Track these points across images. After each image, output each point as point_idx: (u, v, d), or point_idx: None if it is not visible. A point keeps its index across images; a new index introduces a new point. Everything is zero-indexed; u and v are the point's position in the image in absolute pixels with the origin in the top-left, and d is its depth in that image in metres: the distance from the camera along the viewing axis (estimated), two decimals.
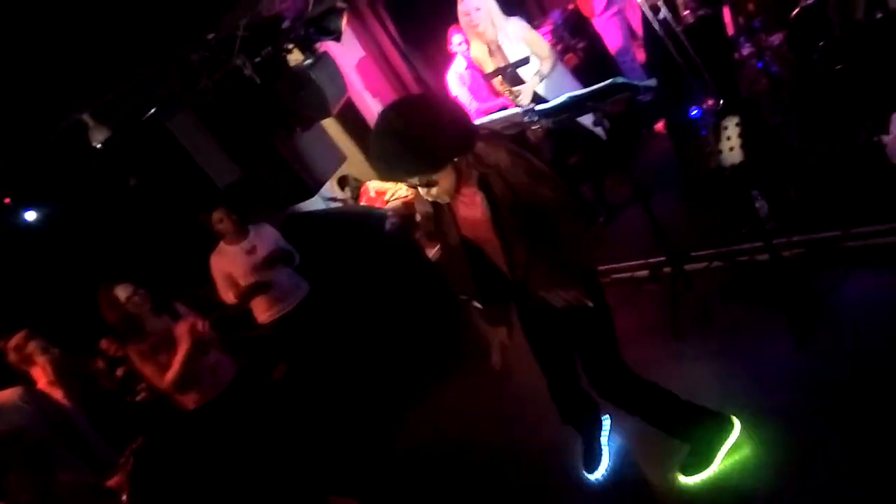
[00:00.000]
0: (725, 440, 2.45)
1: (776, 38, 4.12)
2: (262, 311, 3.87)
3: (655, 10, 3.74)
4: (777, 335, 2.82)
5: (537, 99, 3.83)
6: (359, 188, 6.76)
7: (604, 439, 2.80)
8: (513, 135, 3.34)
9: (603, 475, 2.73)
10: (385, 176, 1.98)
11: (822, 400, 2.46)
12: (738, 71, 4.48)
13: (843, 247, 3.01)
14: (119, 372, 3.52)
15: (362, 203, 6.56)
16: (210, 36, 3.60)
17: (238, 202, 3.81)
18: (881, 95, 3.27)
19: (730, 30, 4.38)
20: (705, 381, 2.88)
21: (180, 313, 3.47)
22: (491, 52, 3.97)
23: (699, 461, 2.45)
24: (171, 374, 3.30)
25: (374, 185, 6.64)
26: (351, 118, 6.40)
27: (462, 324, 4.65)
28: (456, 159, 1.93)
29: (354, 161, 6.99)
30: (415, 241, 4.91)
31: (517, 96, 3.74)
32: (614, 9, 4.31)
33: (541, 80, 3.86)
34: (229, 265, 3.74)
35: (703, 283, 3.35)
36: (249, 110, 3.78)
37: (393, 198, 6.49)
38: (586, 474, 2.76)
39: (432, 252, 5.83)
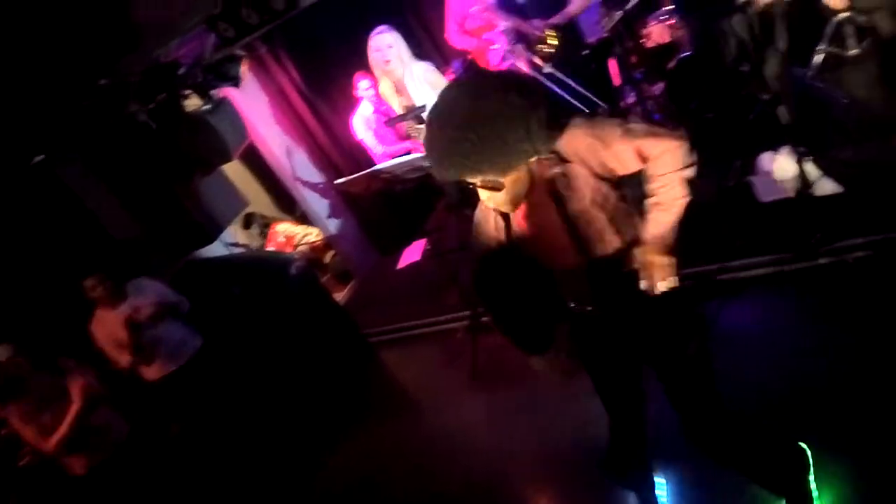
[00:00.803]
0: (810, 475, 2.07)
1: (657, 88, 4.46)
2: (152, 367, 3.68)
3: (539, 66, 3.99)
4: None
5: None
6: (266, 228, 6.67)
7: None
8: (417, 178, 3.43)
9: None
10: (440, 170, 1.53)
11: None
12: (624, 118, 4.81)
13: (721, 279, 3.24)
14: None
15: (270, 247, 6.47)
16: (103, 82, 3.51)
17: (128, 253, 3.66)
18: (748, 140, 3.60)
19: (616, 80, 4.69)
20: (597, 414, 2.99)
21: (65, 368, 3.28)
22: (398, 90, 4.09)
23: None
24: (57, 436, 3.10)
25: (283, 229, 6.57)
26: (256, 162, 6.35)
27: (371, 368, 4.64)
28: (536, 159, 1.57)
29: (261, 202, 6.92)
30: (321, 285, 4.86)
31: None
32: (510, 62, 4.53)
33: None
34: (112, 330, 3.53)
35: None
36: (144, 156, 3.68)
37: (302, 242, 6.45)
38: None
39: (341, 296, 5.80)
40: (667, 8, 4.39)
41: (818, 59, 4.03)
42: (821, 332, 2.73)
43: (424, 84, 3.99)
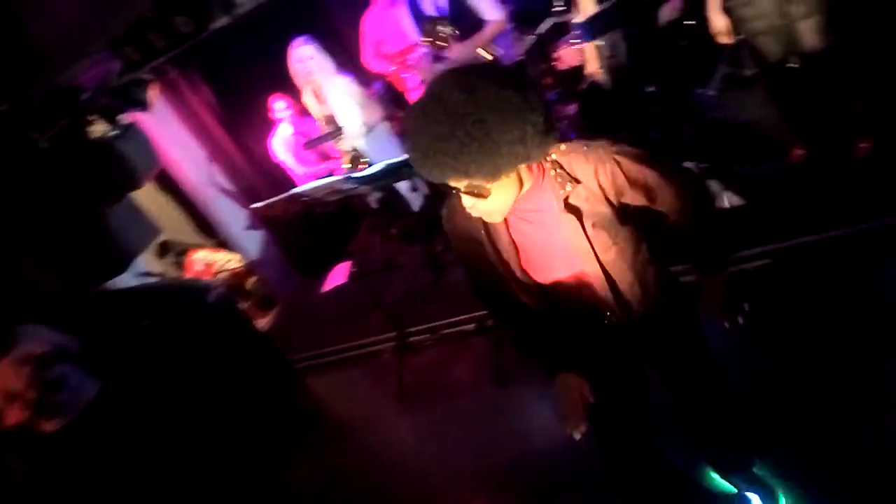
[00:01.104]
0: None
1: (571, 109, 4.61)
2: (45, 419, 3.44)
3: None
4: None
5: (360, 159, 3.97)
6: (183, 256, 6.43)
7: None
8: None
9: None
10: (422, 169, 1.40)
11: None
12: None
13: None
14: None
15: (189, 276, 6.23)
16: (1, 108, 3.32)
17: (32, 287, 3.44)
18: None
19: None
20: (529, 424, 3.06)
21: None
22: (320, 101, 4.09)
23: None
24: None
25: (201, 256, 6.35)
26: (171, 187, 6.14)
27: (299, 395, 4.54)
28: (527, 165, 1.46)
29: (177, 228, 6.67)
30: (242, 312, 4.72)
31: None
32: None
33: (367, 132, 4.02)
34: (5, 383, 3.30)
35: None
36: (46, 185, 3.48)
37: (222, 269, 6.25)
38: None
39: (265, 322, 5.66)
40: (577, 32, 4.56)
41: (717, 79, 4.30)
42: (726, 339, 2.86)
43: (347, 98, 4.01)
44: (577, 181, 1.52)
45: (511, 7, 4.02)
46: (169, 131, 5.28)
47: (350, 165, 3.90)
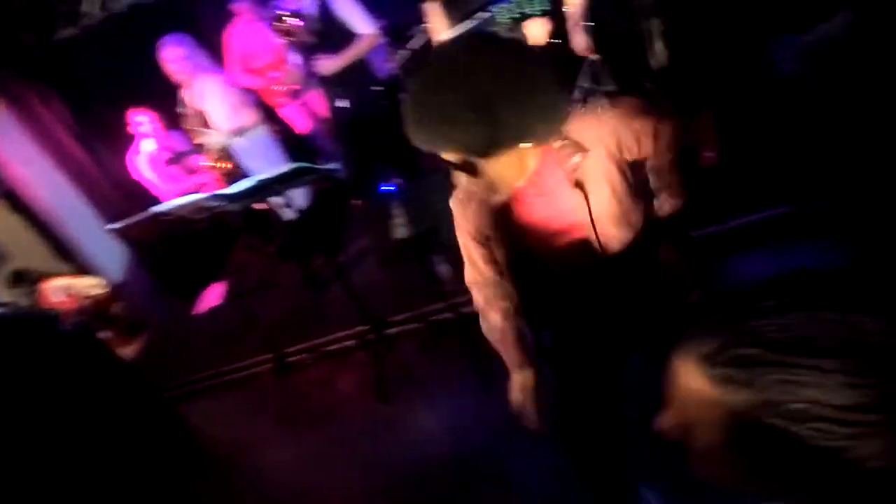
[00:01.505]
0: None
1: None
2: None
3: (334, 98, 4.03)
4: (468, 384, 3.10)
5: (237, 173, 3.85)
6: (38, 284, 5.89)
7: None
8: None
9: None
10: (409, 131, 1.30)
11: (511, 438, 2.76)
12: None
13: None
14: None
15: (45, 305, 5.72)
16: None
17: None
18: None
19: None
20: (412, 438, 3.05)
21: None
22: (194, 100, 3.96)
23: None
24: None
25: (60, 284, 5.84)
26: (22, 209, 5.64)
27: (172, 425, 4.26)
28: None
29: (30, 253, 6.10)
30: (101, 342, 4.38)
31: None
32: (298, 101, 4.54)
33: (240, 135, 3.90)
34: None
35: (403, 345, 3.58)
36: None
37: (83, 296, 5.79)
38: None
39: (130, 350, 5.29)
40: None
41: (578, 95, 4.53)
42: None
43: (220, 98, 3.89)
44: (586, 150, 1.42)
45: (383, 22, 4.05)
46: (16, 149, 4.85)
47: (215, 164, 3.78)
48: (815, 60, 2.61)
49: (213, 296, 5.12)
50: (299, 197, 4.26)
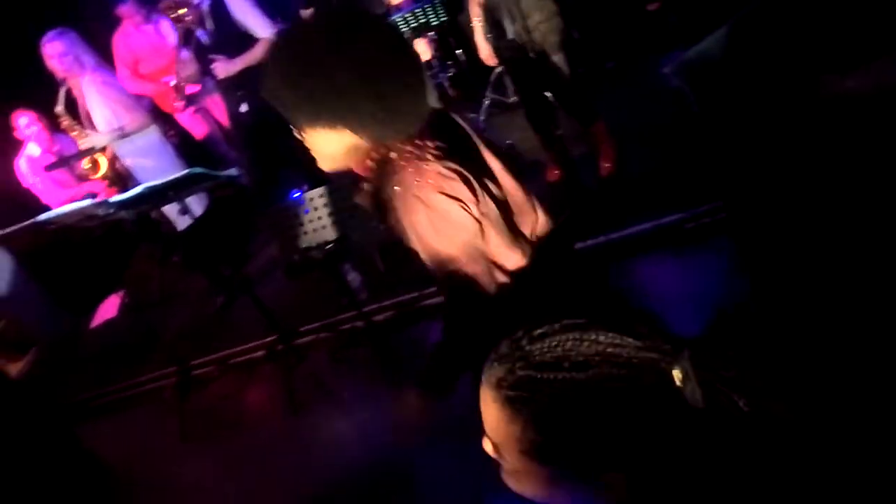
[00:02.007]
0: None
1: None
2: None
3: (236, 104, 3.92)
4: (378, 392, 3.09)
5: (126, 177, 3.67)
6: None
7: None
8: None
9: None
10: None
11: (422, 447, 2.79)
12: None
13: (421, 305, 3.49)
14: None
15: None
16: None
17: None
18: None
19: None
20: (321, 450, 3.02)
21: None
22: (77, 99, 3.76)
23: None
24: None
25: None
26: None
27: (67, 447, 4.01)
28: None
29: None
30: None
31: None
32: (194, 107, 4.39)
33: (122, 138, 3.72)
34: None
35: (314, 355, 3.54)
36: None
37: None
38: None
39: (15, 369, 4.93)
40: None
41: (486, 105, 4.65)
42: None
43: (98, 95, 3.69)
44: (377, 190, 1.36)
45: (281, 25, 3.97)
46: None
47: (95, 167, 3.59)
48: (693, 75, 2.68)
49: (110, 308, 4.86)
50: (197, 205, 4.11)
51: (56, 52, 3.64)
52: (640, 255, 3.14)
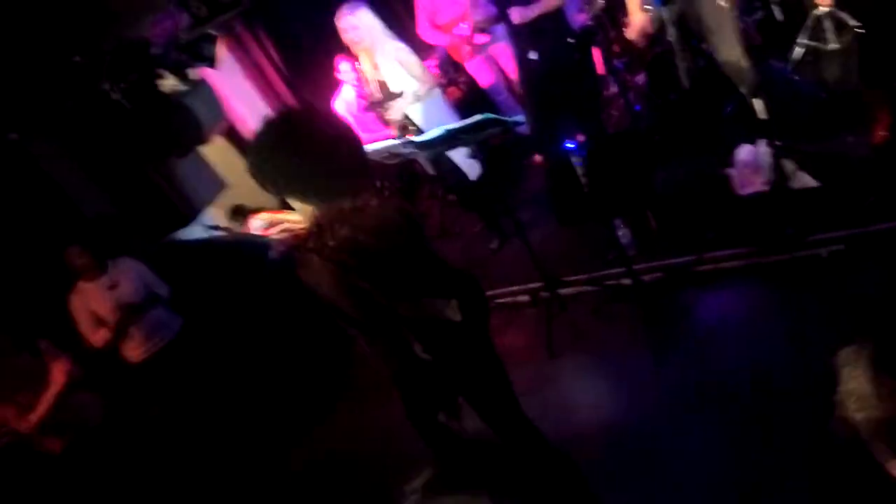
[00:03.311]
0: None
1: (639, 78, 4.44)
2: (133, 348, 3.67)
3: (526, 51, 3.95)
4: (639, 353, 3.01)
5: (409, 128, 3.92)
6: (248, 216, 6.58)
7: None
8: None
9: None
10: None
11: (674, 413, 2.65)
12: (608, 107, 4.79)
13: (697, 271, 3.26)
14: None
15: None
16: (76, 59, 3.44)
17: (105, 232, 3.62)
18: (726, 133, 3.62)
19: (599, 69, 4.67)
20: (574, 397, 3.04)
21: (42, 350, 3.27)
22: (375, 67, 4.03)
23: None
24: (34, 417, 3.13)
25: (264, 217, 6.48)
26: (239, 143, 6.27)
27: (353, 359, 4.62)
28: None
29: (245, 184, 6.79)
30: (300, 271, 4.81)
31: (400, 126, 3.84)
32: (483, 55, 4.52)
33: (416, 101, 3.94)
34: (92, 303, 3.52)
35: (576, 306, 3.54)
36: (118, 136, 3.61)
37: (283, 227, 6.38)
38: None
39: None
40: None
41: (797, 52, 4.05)
42: (791, 325, 2.76)
43: (395, 63, 3.91)
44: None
45: None
46: (235, 87, 5.36)
47: (399, 134, 3.84)
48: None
49: None
50: (482, 150, 4.28)
51: (348, 25, 3.86)
52: None
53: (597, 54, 4.60)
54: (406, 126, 3.92)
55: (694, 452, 2.45)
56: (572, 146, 4.57)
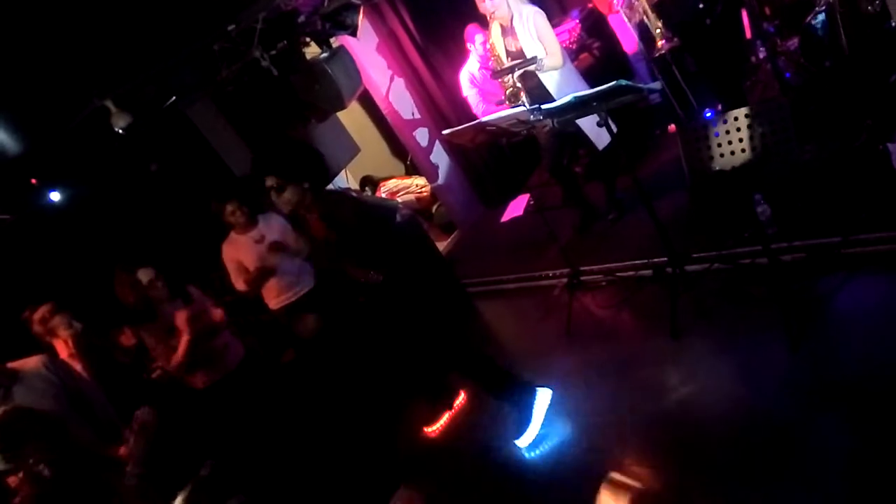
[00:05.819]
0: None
1: (792, 44, 4.10)
2: (272, 297, 3.98)
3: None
4: (772, 339, 2.84)
5: (544, 96, 3.87)
6: (377, 184, 6.87)
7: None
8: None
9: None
10: None
11: (809, 404, 2.50)
12: (754, 74, 4.48)
13: (843, 253, 3.01)
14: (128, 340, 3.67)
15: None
16: (230, 27, 3.70)
17: (253, 190, 3.91)
18: (888, 103, 3.27)
19: (747, 33, 4.37)
20: (698, 380, 2.94)
21: (193, 297, 3.62)
22: (504, 33, 4.01)
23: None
24: (176, 359, 3.46)
25: (392, 184, 6.76)
26: (370, 108, 6.51)
27: (469, 317, 4.74)
28: None
29: (374, 148, 7.05)
30: (425, 233, 4.97)
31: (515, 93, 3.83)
32: (628, 6, 4.35)
33: (546, 69, 3.90)
34: (240, 254, 3.84)
35: (703, 284, 3.39)
36: (266, 101, 3.87)
37: (409, 193, 6.61)
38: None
39: (444, 245, 5.92)
40: None
41: None
42: None
43: (532, 28, 3.88)
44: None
45: None
46: (371, 55, 5.54)
47: (511, 101, 3.82)
48: None
49: (517, 208, 5.41)
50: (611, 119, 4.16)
51: None
52: None
53: (745, 17, 4.31)
54: (517, 93, 3.90)
55: (828, 450, 2.29)
56: (710, 115, 4.35)
